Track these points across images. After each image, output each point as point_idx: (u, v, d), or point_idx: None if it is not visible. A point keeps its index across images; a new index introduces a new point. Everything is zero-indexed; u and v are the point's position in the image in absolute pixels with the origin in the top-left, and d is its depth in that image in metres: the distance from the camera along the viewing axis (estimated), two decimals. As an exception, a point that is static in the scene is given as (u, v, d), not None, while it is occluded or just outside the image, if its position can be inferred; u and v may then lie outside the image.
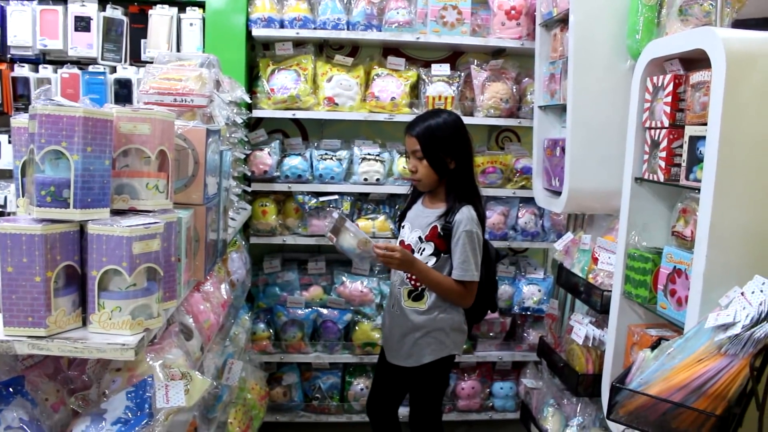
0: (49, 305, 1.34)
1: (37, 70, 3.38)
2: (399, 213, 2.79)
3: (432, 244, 2.53)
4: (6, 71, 3.36)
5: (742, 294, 1.62)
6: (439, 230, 2.51)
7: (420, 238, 2.56)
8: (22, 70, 3.36)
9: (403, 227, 2.69)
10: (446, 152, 2.50)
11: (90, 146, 1.36)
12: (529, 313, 3.66)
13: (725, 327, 1.53)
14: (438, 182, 2.56)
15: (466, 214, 2.48)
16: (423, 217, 2.58)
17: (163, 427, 1.55)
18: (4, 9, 3.38)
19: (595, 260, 2.60)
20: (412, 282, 2.58)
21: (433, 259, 2.53)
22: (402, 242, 2.65)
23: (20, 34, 3.36)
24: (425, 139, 2.49)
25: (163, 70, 2.18)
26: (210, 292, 2.40)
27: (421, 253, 2.55)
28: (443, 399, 2.80)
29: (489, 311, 2.76)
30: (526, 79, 3.55)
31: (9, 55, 3.42)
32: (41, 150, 1.34)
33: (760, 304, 1.53)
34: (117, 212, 1.49)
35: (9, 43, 3.38)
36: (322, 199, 3.47)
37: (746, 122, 1.79)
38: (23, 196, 1.52)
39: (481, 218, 2.55)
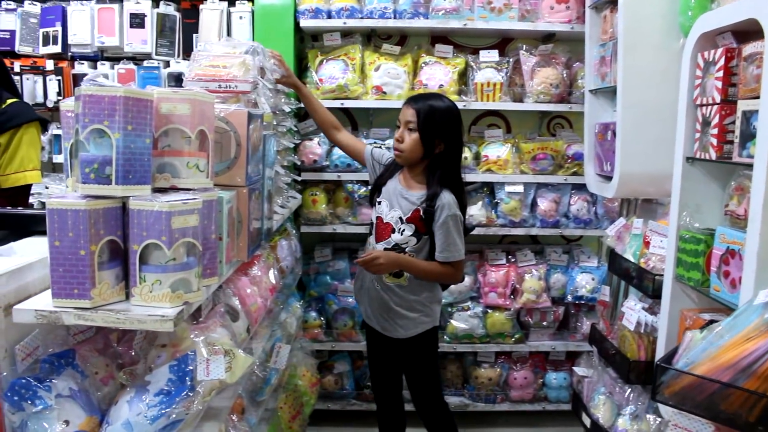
0: (93, 278, 1.39)
1: (95, 67, 3.52)
2: (373, 184, 2.81)
3: (413, 226, 2.59)
4: (67, 69, 3.52)
5: (797, 271, 1.55)
6: (421, 213, 2.57)
7: (401, 218, 2.61)
8: (82, 67, 3.51)
9: (379, 203, 2.71)
10: (438, 134, 2.54)
11: (131, 125, 1.41)
12: (582, 302, 3.59)
13: (776, 303, 1.46)
14: (419, 160, 2.59)
15: (448, 199, 2.54)
16: (404, 198, 2.62)
17: (204, 400, 1.59)
18: (65, 9, 3.53)
19: (647, 244, 2.52)
20: None
21: (414, 240, 2.60)
22: (380, 219, 2.68)
23: (80, 33, 3.50)
24: (424, 115, 2.52)
25: (208, 58, 2.23)
26: (258, 276, 2.45)
27: (402, 233, 2.61)
28: (441, 372, 2.90)
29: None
30: (577, 63, 3.48)
31: (70, 53, 3.57)
32: (85, 129, 1.39)
33: (815, 280, 1.46)
34: (159, 190, 1.54)
35: (69, 42, 3.53)
36: (371, 187, 3.48)
37: (802, 93, 1.71)
38: (72, 176, 1.58)
39: (463, 205, 2.63)
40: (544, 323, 3.66)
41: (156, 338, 1.68)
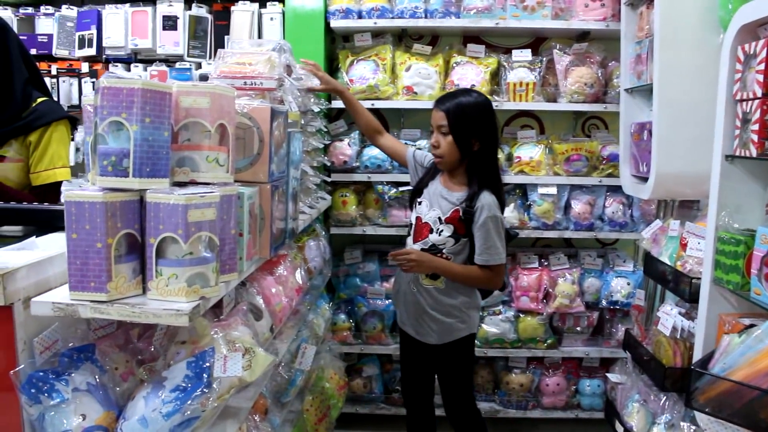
0: (109, 271, 1.38)
1: (129, 69, 3.55)
2: (414, 187, 2.74)
3: (451, 226, 2.53)
4: (101, 71, 3.57)
5: (842, 272, 1.47)
6: (460, 214, 2.50)
7: (440, 218, 2.54)
8: (116, 70, 3.54)
9: (419, 203, 2.64)
10: (472, 132, 2.46)
11: (149, 117, 1.40)
12: (617, 307, 3.49)
13: (819, 305, 1.38)
14: (459, 162, 2.53)
15: (488, 200, 2.47)
16: (444, 198, 2.56)
17: (222, 398, 1.57)
18: (100, 13, 3.58)
19: (684, 246, 2.43)
20: None
21: (452, 241, 2.53)
22: (419, 219, 2.61)
23: (114, 36, 3.55)
24: (454, 116, 2.45)
25: (234, 56, 2.23)
26: (284, 276, 2.43)
27: (440, 234, 2.54)
28: (473, 377, 2.83)
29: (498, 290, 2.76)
30: (612, 62, 3.39)
31: (104, 56, 3.62)
32: (103, 121, 1.39)
33: None
34: (179, 184, 1.52)
35: (104, 45, 3.58)
36: (401, 189, 3.45)
37: None
38: (92, 170, 1.58)
39: (501, 204, 2.56)
40: (578, 328, 3.57)
41: (176, 334, 1.67)
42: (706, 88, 2.45)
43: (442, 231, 2.54)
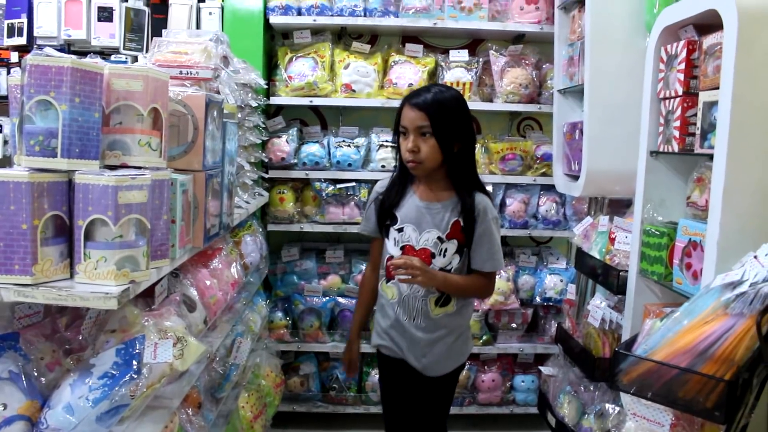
0: (35, 253, 1.34)
1: (61, 61, 3.44)
2: (379, 210, 2.35)
3: (455, 241, 2.23)
4: (32, 61, 3.44)
5: (755, 258, 1.55)
6: (462, 224, 2.22)
7: (440, 238, 2.23)
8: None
9: (400, 230, 2.28)
10: (455, 131, 2.18)
11: (78, 97, 1.37)
12: (551, 303, 3.58)
13: (733, 286, 1.45)
14: (438, 167, 2.21)
15: (487, 202, 2.25)
16: (433, 213, 2.24)
17: (152, 386, 1.54)
18: (30, 1, 3.47)
19: (612, 241, 2.52)
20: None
21: (457, 258, 2.24)
22: (409, 247, 2.26)
23: (46, 25, 3.44)
24: (436, 115, 2.12)
25: (170, 45, 2.19)
26: (219, 269, 2.40)
27: (445, 254, 2.23)
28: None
29: None
30: (547, 64, 3.49)
31: (35, 46, 3.49)
32: (30, 100, 1.35)
33: (772, 265, 1.46)
34: (109, 168, 1.49)
35: (35, 34, 3.46)
36: (339, 186, 3.45)
37: (760, 83, 1.71)
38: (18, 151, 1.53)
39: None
40: (513, 325, 3.64)
41: (106, 323, 1.63)
42: (634, 88, 2.54)
43: (446, 250, 2.23)
